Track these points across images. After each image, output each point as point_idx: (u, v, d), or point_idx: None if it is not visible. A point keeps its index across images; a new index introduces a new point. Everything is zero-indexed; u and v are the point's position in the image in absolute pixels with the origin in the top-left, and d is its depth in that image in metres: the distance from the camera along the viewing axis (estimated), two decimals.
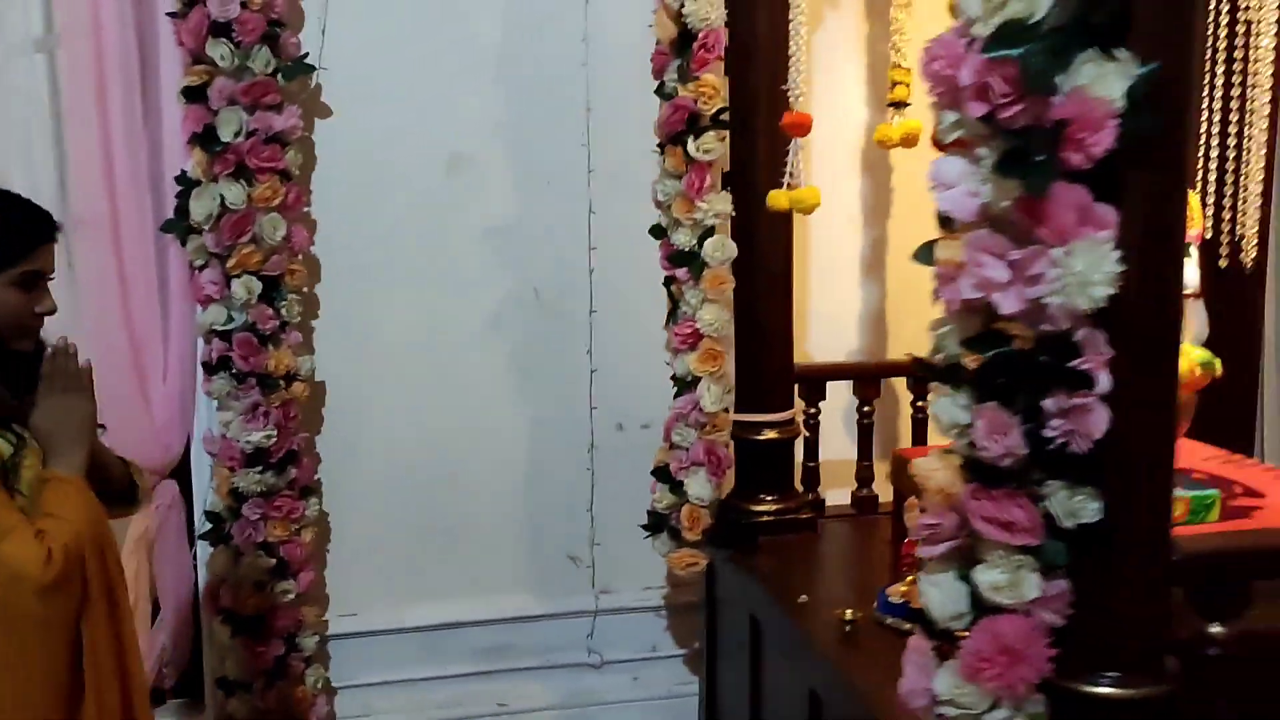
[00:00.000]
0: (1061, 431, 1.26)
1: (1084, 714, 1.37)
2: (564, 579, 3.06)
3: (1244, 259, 2.00)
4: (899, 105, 2.66)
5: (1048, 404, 1.25)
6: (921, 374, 1.34)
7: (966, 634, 1.36)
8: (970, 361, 1.25)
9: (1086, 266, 1.20)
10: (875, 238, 3.12)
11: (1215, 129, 2.13)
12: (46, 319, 1.70)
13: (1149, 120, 1.20)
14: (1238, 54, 2.02)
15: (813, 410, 2.69)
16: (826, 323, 3.09)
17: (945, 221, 1.30)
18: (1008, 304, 1.23)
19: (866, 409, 2.72)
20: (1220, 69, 2.11)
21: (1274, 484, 2.18)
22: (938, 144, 1.29)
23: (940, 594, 1.37)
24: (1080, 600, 1.35)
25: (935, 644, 1.39)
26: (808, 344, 3.04)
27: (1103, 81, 1.17)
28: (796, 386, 2.64)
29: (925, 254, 1.33)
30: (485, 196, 2.86)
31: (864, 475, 2.76)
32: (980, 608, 1.34)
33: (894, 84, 2.64)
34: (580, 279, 2.93)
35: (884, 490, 2.67)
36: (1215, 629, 1.44)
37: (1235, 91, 2.03)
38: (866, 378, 2.72)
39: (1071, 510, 1.28)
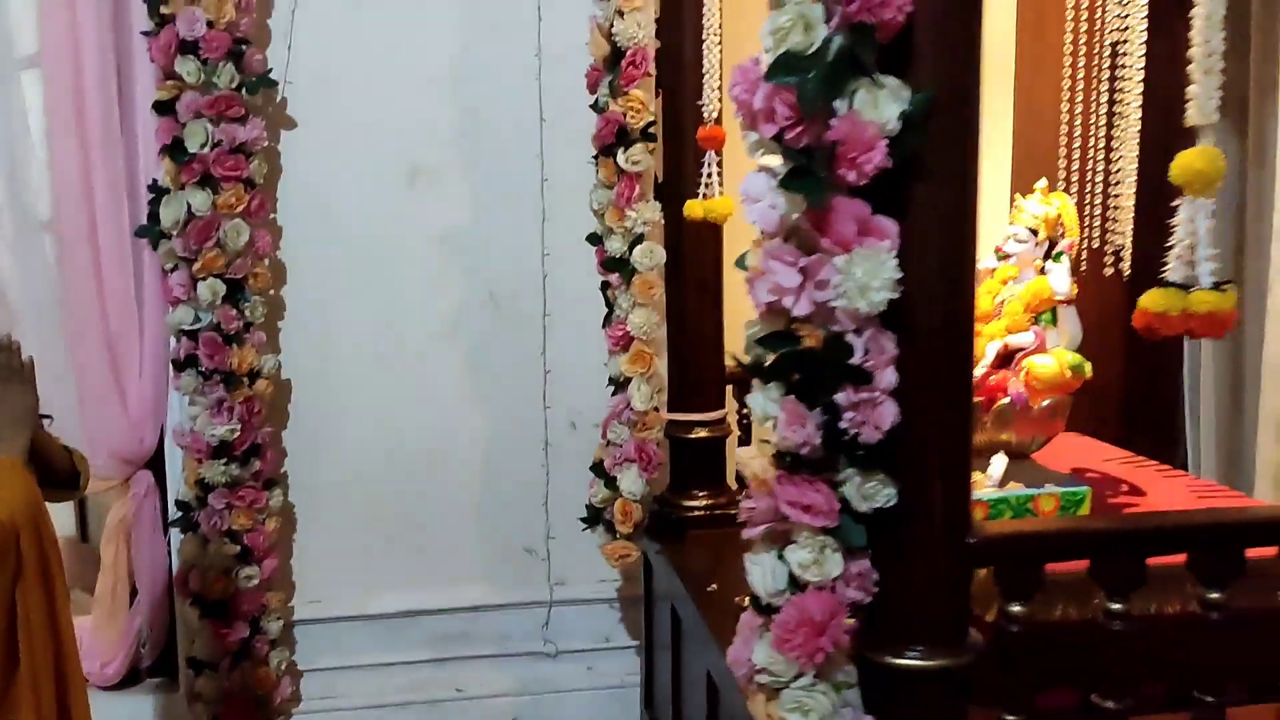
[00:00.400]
0: (853, 423, 1.39)
1: (891, 684, 1.50)
2: (520, 570, 3.22)
3: (1121, 267, 2.11)
4: None
5: (839, 398, 1.39)
6: (742, 371, 1.46)
7: None
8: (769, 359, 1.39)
9: (866, 273, 1.33)
10: None
11: (1098, 146, 2.23)
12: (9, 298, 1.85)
13: (923, 140, 1.33)
14: (1112, 74, 2.13)
15: (745, 410, 2.82)
16: None
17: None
18: (798, 307, 1.37)
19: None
20: (1099, 90, 2.22)
21: (1159, 484, 2.30)
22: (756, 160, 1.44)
23: (762, 572, 1.50)
24: (884, 579, 1.48)
25: (761, 618, 1.52)
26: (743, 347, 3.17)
27: (873, 107, 1.30)
28: (730, 387, 2.77)
29: (741, 261, 1.48)
30: (443, 205, 3.03)
31: None
32: (794, 584, 1.47)
33: None
34: (534, 284, 3.09)
35: None
36: (1015, 608, 1.55)
37: (1113, 110, 2.13)
38: None
39: (866, 495, 1.41)
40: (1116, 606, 1.57)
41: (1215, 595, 1.59)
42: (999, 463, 2.07)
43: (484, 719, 3.22)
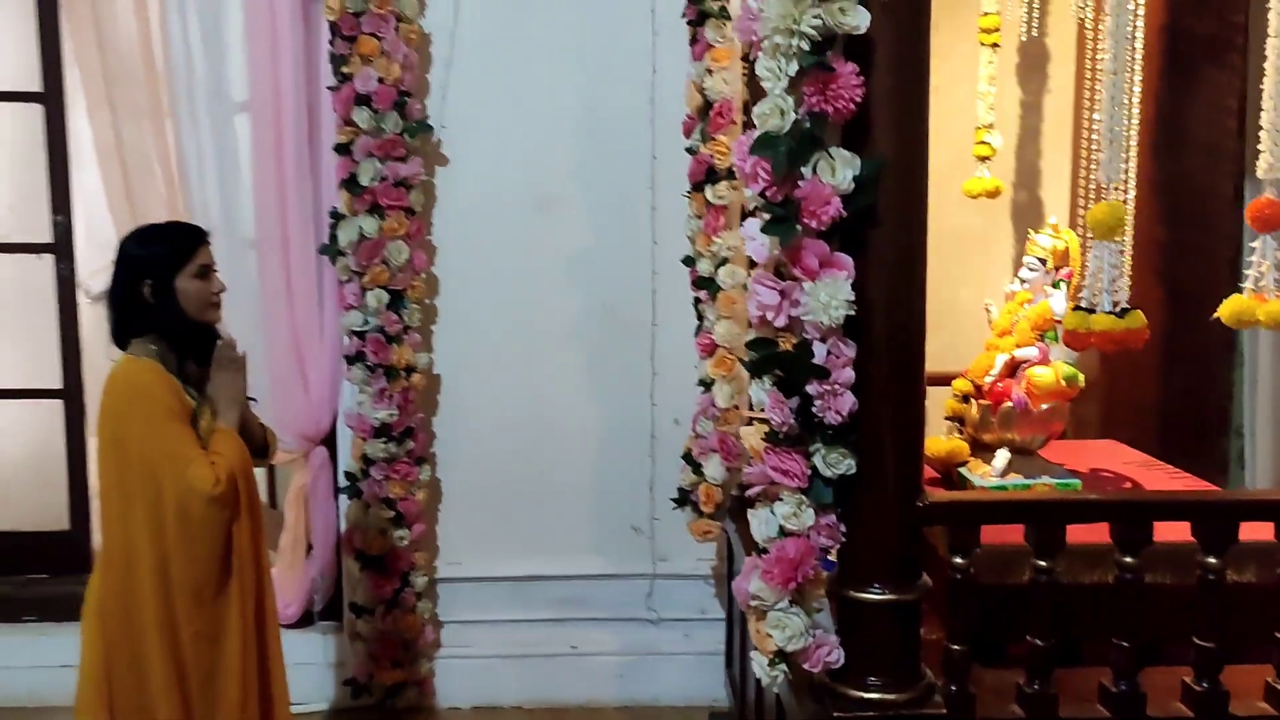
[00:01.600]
0: (820, 409, 1.88)
1: (857, 612, 1.98)
2: (628, 546, 3.76)
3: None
4: (984, 160, 3.22)
5: (810, 389, 1.88)
6: (755, 372, 1.96)
7: None
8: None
9: (827, 295, 1.83)
10: None
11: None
12: (224, 300, 2.49)
13: (873, 198, 1.82)
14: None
15: None
16: None
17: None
18: (778, 320, 1.87)
19: None
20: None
21: (1161, 483, 2.66)
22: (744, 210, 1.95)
23: (758, 522, 2.01)
24: (850, 531, 1.96)
25: (759, 558, 2.02)
26: None
27: (829, 173, 1.80)
28: None
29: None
30: (568, 229, 3.62)
31: None
32: (782, 533, 1.97)
33: (979, 143, 3.20)
34: (644, 297, 3.64)
35: None
36: (956, 559, 2.00)
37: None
38: None
39: (830, 464, 1.90)
40: (1042, 564, 1.99)
41: (1129, 560, 1.99)
42: (1002, 456, 2.50)
43: (594, 674, 3.76)
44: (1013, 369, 2.56)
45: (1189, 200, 2.95)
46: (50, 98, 3.77)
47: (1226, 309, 1.86)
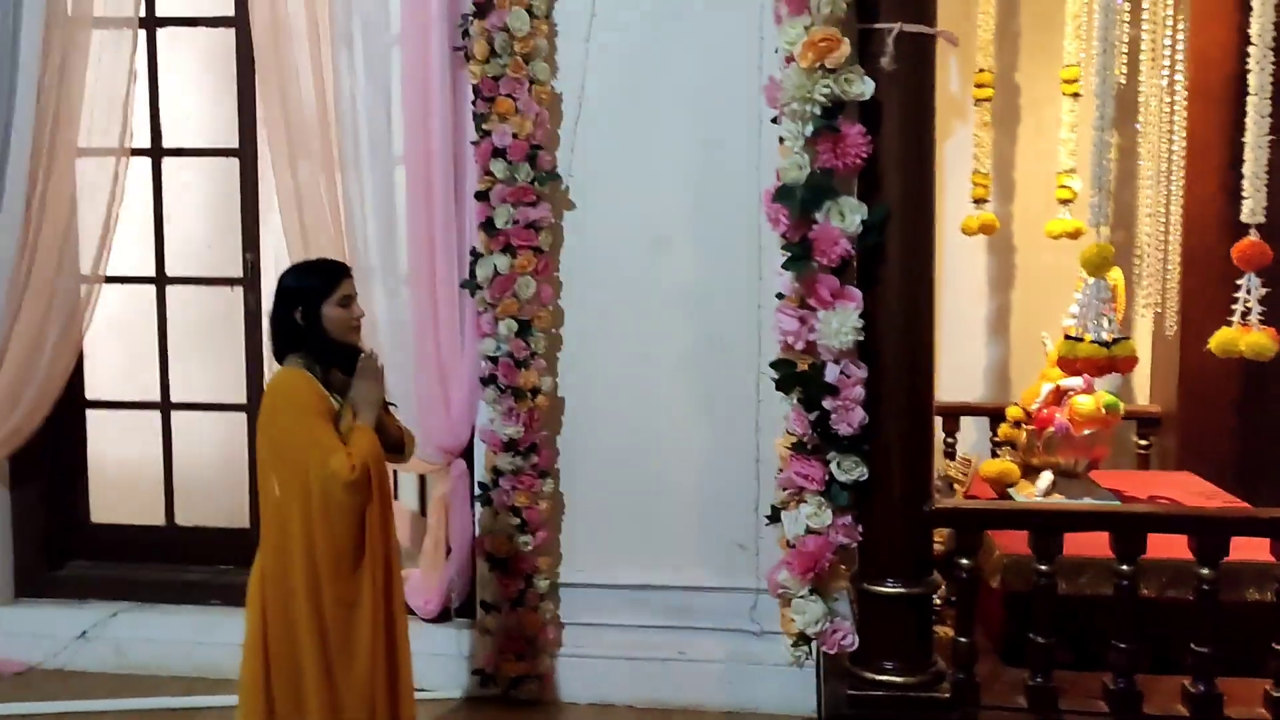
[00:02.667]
0: (835, 422, 2.21)
1: (873, 604, 2.29)
2: (734, 562, 4.09)
3: (1167, 328, 2.71)
4: (979, 201, 3.49)
5: (826, 404, 2.21)
6: (780, 388, 2.29)
7: None
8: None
9: (838, 323, 2.16)
10: (999, 304, 3.91)
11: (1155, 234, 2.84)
12: (363, 323, 3.01)
13: (880, 238, 2.15)
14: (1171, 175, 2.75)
15: None
16: (955, 372, 3.92)
17: None
18: (798, 344, 2.21)
19: (949, 439, 3.54)
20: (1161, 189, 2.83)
21: None
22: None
23: (789, 521, 2.34)
24: (866, 530, 2.27)
25: (787, 552, 2.35)
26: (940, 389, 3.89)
27: (839, 217, 2.13)
28: None
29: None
30: (680, 266, 4.01)
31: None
32: (808, 530, 2.30)
33: (975, 185, 3.47)
34: (751, 330, 3.98)
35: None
36: (962, 560, 2.27)
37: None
38: (949, 414, 3.55)
39: (845, 470, 2.22)
40: (1043, 567, 2.24)
41: (1126, 568, 2.22)
42: (1045, 478, 2.73)
43: (699, 679, 4.10)
44: (1059, 397, 2.79)
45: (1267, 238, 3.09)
46: (245, 152, 4.44)
47: (1215, 340, 2.08)
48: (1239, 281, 2.10)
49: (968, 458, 3.17)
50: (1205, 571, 2.20)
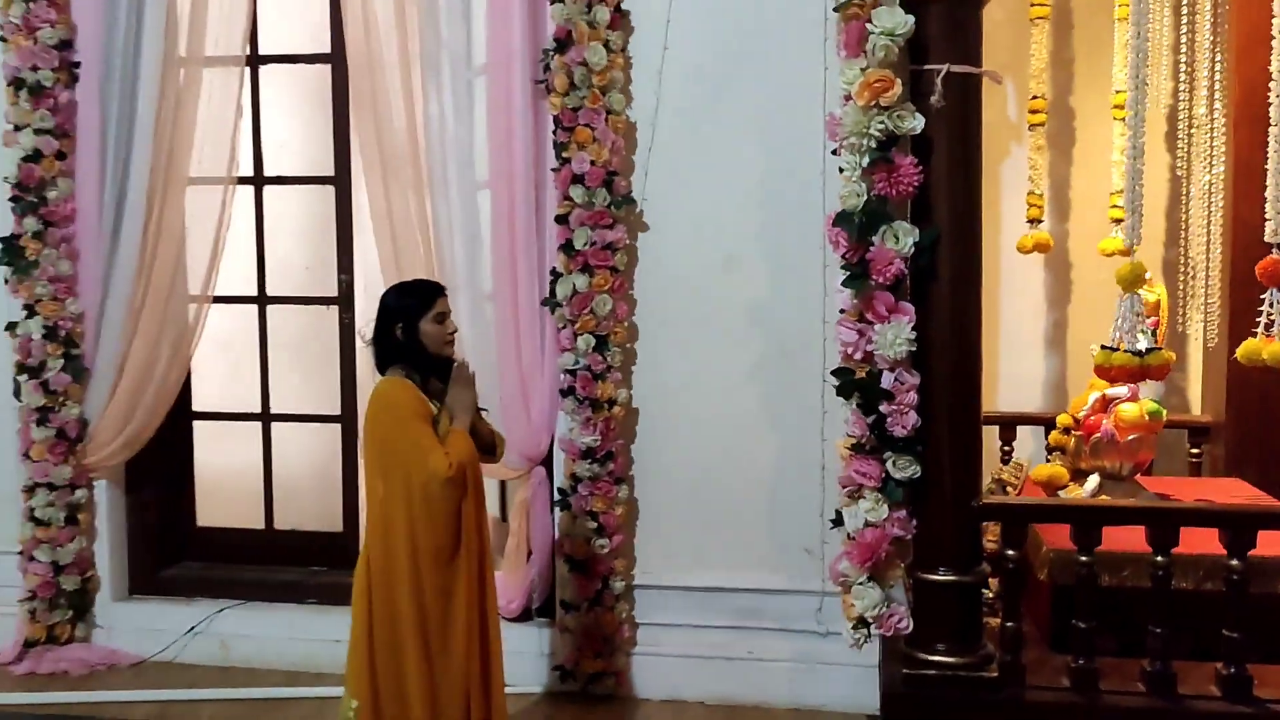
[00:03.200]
0: (890, 424, 2.46)
1: (926, 591, 2.53)
2: (801, 565, 4.32)
3: (1208, 340, 2.91)
4: (1034, 221, 3.71)
5: (882, 408, 2.47)
6: (840, 394, 2.55)
7: None
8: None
9: (892, 335, 2.42)
10: (1057, 319, 4.11)
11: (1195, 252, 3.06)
12: (464, 340, 3.31)
13: (930, 258, 2.40)
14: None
15: None
16: (1014, 383, 4.13)
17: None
18: (856, 354, 2.47)
19: (1006, 446, 3.76)
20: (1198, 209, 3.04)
21: None
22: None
23: (849, 515, 2.59)
24: (920, 524, 2.52)
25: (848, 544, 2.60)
26: (999, 399, 4.11)
27: (893, 240, 2.39)
28: None
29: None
30: (749, 283, 4.27)
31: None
32: (865, 523, 2.55)
33: (1029, 205, 3.70)
34: (816, 343, 4.22)
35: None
36: (1009, 552, 2.51)
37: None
38: (1006, 423, 3.77)
39: (899, 468, 2.47)
40: (1084, 559, 2.47)
41: (1160, 559, 2.44)
42: (1092, 480, 2.95)
43: (767, 678, 4.34)
44: (1105, 405, 3.01)
45: None
46: (339, 179, 4.80)
47: (1241, 350, 2.30)
48: (1262, 296, 2.31)
49: (1020, 463, 3.39)
50: (1234, 563, 2.41)
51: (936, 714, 2.46)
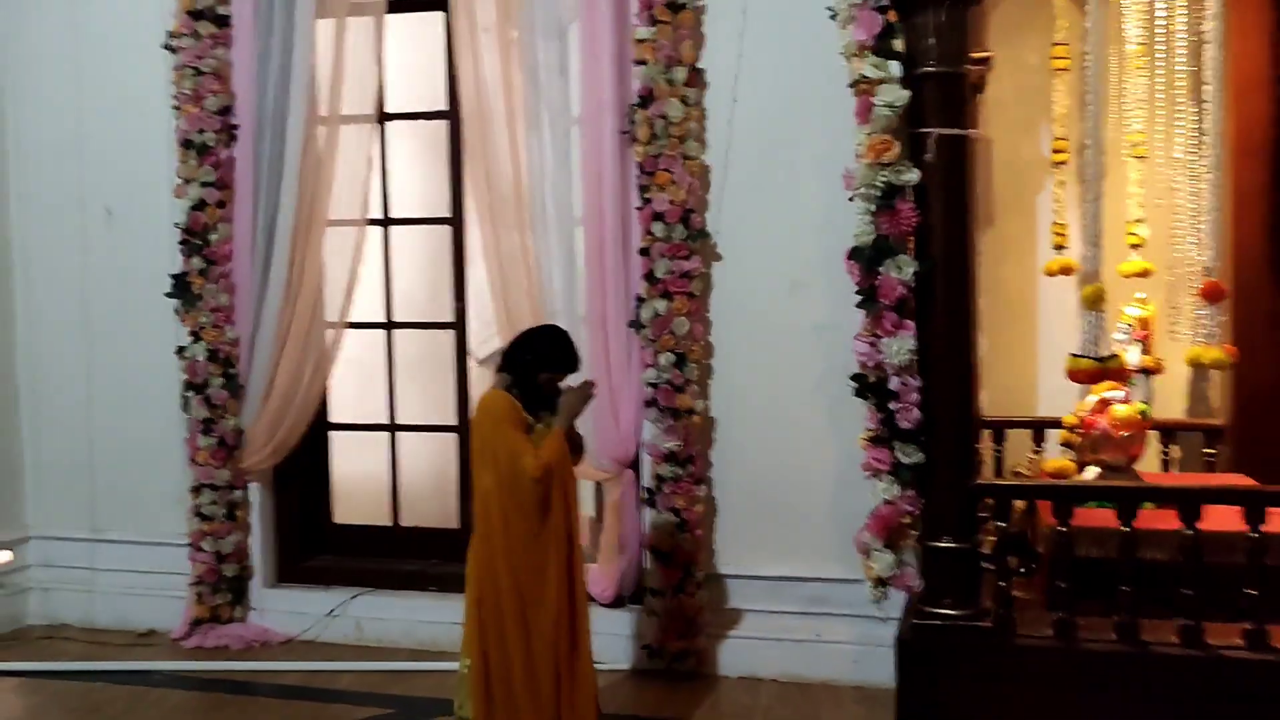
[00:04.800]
0: (899, 419, 3.08)
1: (932, 557, 3.13)
2: (859, 559, 4.86)
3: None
4: (1059, 248, 4.26)
5: (891, 405, 3.09)
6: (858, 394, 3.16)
7: None
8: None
9: (897, 347, 3.04)
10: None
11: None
12: None
13: (928, 284, 3.02)
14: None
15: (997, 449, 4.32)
16: (1052, 392, 4.66)
17: None
18: (870, 362, 3.09)
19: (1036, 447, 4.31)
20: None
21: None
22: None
23: (870, 494, 3.21)
24: (927, 501, 3.12)
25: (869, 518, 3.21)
26: (1039, 405, 4.65)
27: (896, 270, 3.01)
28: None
29: None
30: (814, 307, 4.89)
31: None
32: (882, 501, 3.17)
33: (1054, 234, 4.25)
34: None
35: None
36: (1000, 524, 3.09)
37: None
38: (1038, 425, 4.31)
39: (906, 455, 3.09)
40: (1061, 529, 3.04)
41: (1126, 530, 3.00)
42: (1090, 471, 3.51)
43: (833, 658, 4.93)
44: (1103, 406, 3.56)
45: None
46: (455, 219, 5.58)
47: (1187, 355, 2.85)
48: (1202, 311, 2.86)
49: (1034, 458, 3.94)
50: (1188, 532, 2.95)
51: (941, 657, 3.05)
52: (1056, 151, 4.36)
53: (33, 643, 5.69)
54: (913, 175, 2.97)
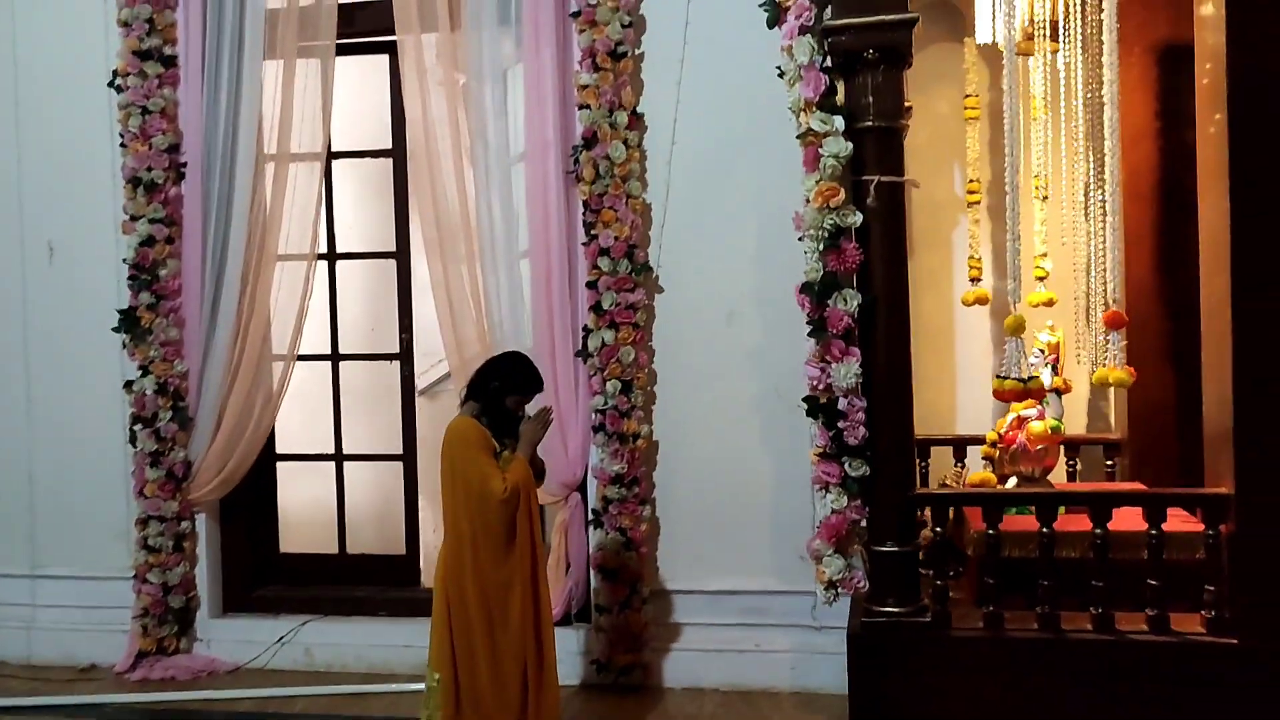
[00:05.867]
0: (846, 435, 3.52)
1: (879, 560, 3.57)
2: (797, 571, 5.33)
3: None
4: (975, 280, 4.79)
5: (839, 424, 3.53)
6: (809, 414, 3.60)
7: None
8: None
9: (844, 371, 3.49)
10: (1001, 358, 5.17)
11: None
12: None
13: (871, 314, 3.48)
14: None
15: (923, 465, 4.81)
16: (968, 409, 5.18)
17: None
18: (820, 385, 3.54)
19: (958, 462, 4.81)
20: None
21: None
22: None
23: (821, 506, 3.64)
24: (871, 510, 3.56)
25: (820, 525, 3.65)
26: (958, 423, 5.16)
27: (843, 302, 3.47)
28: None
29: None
30: (748, 334, 5.35)
31: None
32: (831, 510, 3.60)
33: (970, 266, 4.78)
34: (804, 383, 5.25)
35: None
36: (936, 529, 3.55)
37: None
38: (958, 444, 4.82)
39: (853, 468, 3.54)
40: (990, 531, 3.52)
41: (1045, 530, 3.48)
42: (1011, 482, 4.00)
43: (772, 667, 5.35)
44: (1021, 423, 4.07)
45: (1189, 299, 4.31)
46: (400, 254, 5.91)
47: (1095, 376, 3.35)
48: (1106, 338, 3.37)
49: (959, 471, 4.44)
50: (1099, 532, 3.45)
51: (887, 650, 3.49)
52: (970, 193, 4.90)
53: None
54: (856, 218, 3.43)
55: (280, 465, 6.12)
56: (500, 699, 4.15)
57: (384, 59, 5.88)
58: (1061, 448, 4.19)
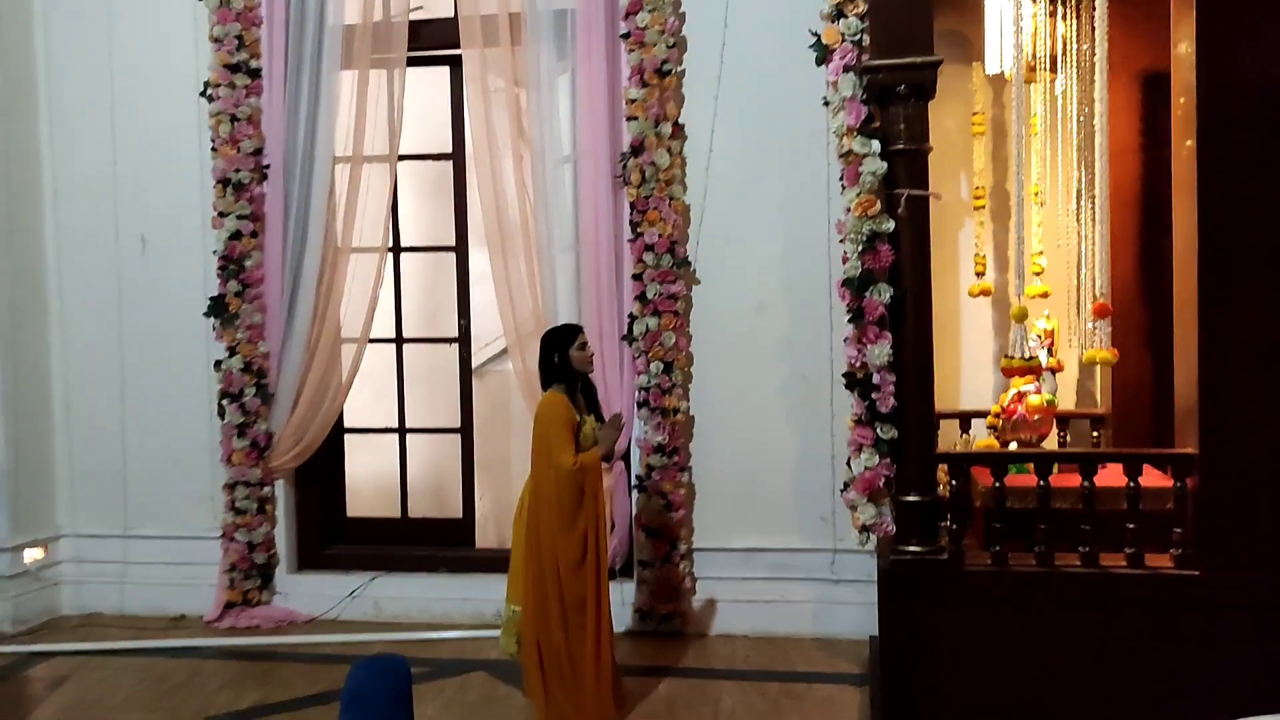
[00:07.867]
0: (879, 405, 4.29)
1: (904, 508, 4.34)
2: (818, 530, 6.12)
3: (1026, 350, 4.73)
4: (979, 274, 5.57)
5: (873, 395, 4.30)
6: (848, 388, 4.38)
7: None
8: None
9: (878, 352, 4.25)
10: (1001, 344, 5.96)
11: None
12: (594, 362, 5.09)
13: (901, 304, 4.24)
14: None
15: None
16: (973, 388, 5.96)
17: None
18: (857, 363, 4.31)
19: (965, 432, 5.59)
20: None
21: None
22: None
23: (855, 464, 4.41)
24: (898, 467, 4.33)
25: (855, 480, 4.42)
26: (962, 399, 5.94)
27: (877, 294, 4.23)
28: None
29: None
30: (776, 323, 6.11)
31: None
32: (865, 468, 4.37)
33: (975, 263, 5.56)
34: (825, 367, 6.04)
35: None
36: (954, 483, 4.31)
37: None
38: (964, 417, 5.60)
39: (884, 433, 4.31)
40: (996, 485, 4.29)
41: (1041, 484, 4.26)
42: (1012, 446, 4.77)
43: (795, 615, 6.13)
44: (1020, 397, 4.84)
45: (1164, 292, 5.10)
46: (459, 246, 6.64)
47: (1085, 356, 4.14)
48: (1094, 325, 4.15)
49: (965, 440, 5.22)
50: (1087, 485, 4.23)
51: (912, 583, 4.27)
52: (977, 198, 5.67)
53: (70, 630, 6.53)
54: (889, 225, 4.20)
55: (348, 438, 6.84)
56: (566, 630, 4.84)
57: (441, 70, 6.59)
58: (1054, 420, 4.98)
